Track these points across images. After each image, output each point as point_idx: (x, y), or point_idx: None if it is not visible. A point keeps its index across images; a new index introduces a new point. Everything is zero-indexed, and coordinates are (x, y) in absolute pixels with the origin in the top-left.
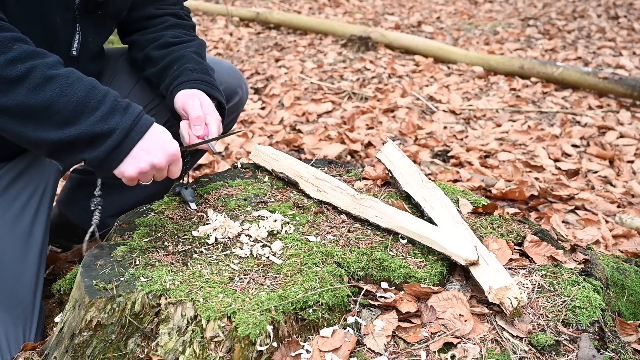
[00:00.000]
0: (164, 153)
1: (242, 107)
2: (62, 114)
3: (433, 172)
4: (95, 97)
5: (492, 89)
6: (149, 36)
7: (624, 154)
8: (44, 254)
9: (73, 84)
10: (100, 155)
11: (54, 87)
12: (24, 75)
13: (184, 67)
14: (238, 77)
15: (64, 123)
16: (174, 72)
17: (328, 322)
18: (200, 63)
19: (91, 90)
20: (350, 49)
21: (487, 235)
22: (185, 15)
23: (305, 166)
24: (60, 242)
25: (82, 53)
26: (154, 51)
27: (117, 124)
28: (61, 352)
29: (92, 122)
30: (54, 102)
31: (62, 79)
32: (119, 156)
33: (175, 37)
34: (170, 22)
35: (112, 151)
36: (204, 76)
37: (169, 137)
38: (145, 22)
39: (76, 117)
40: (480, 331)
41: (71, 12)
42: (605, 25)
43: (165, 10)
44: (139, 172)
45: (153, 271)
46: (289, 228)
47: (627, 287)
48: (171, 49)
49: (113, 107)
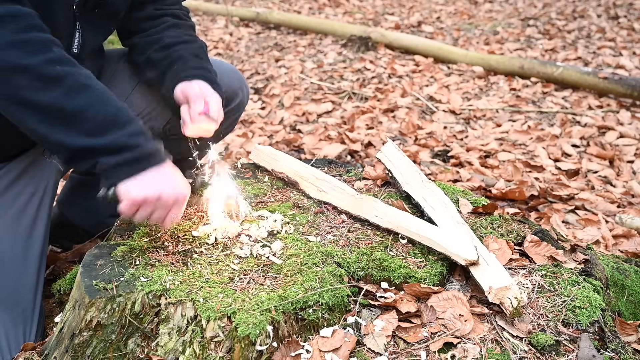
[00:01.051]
0: (175, 189)
1: (243, 109)
2: (91, 122)
3: (433, 172)
4: (125, 117)
5: (492, 89)
6: (149, 39)
7: (624, 154)
8: (44, 254)
9: (107, 100)
10: (119, 160)
11: (89, 96)
12: (62, 76)
13: (186, 64)
14: (239, 78)
15: (92, 132)
16: (174, 73)
17: (328, 322)
18: (200, 62)
19: (121, 110)
20: (350, 49)
21: (487, 235)
22: (184, 15)
23: (305, 166)
24: (61, 242)
25: (82, 52)
26: (154, 54)
27: (142, 144)
28: (61, 352)
29: (120, 136)
30: (87, 110)
31: (98, 91)
32: (134, 169)
33: (174, 38)
34: (169, 23)
35: (130, 162)
36: (204, 72)
37: (183, 180)
38: (145, 24)
39: (105, 129)
40: (480, 331)
41: (70, 9)
42: (605, 25)
43: (165, 11)
44: (144, 197)
45: (153, 271)
46: (289, 228)
47: (627, 287)
48: (171, 49)
49: (139, 130)
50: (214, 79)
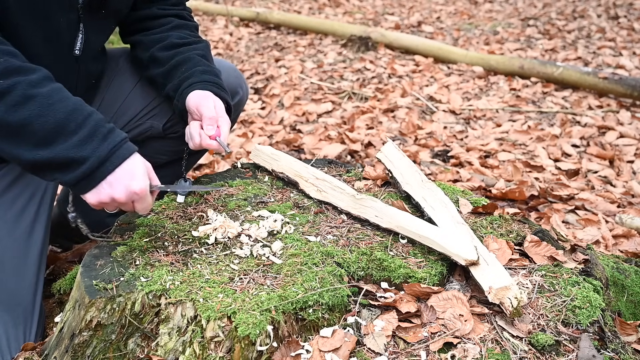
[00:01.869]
0: (126, 190)
1: (242, 107)
2: (38, 134)
3: (433, 172)
4: (76, 120)
5: (492, 89)
6: (154, 37)
7: (624, 154)
8: (44, 255)
9: (53, 105)
10: (71, 181)
11: (32, 107)
12: (5, 91)
13: (195, 69)
14: (238, 77)
15: (39, 144)
16: (182, 74)
17: (328, 322)
18: (209, 66)
19: (72, 113)
20: (350, 49)
21: (487, 235)
22: (188, 15)
23: (305, 166)
24: (61, 242)
25: (84, 53)
26: (160, 52)
27: (93, 152)
28: (61, 352)
29: (68, 147)
30: (31, 123)
31: (43, 98)
32: (89, 185)
33: (181, 39)
34: (174, 23)
35: (82, 179)
36: (214, 78)
37: (140, 174)
38: (149, 23)
39: (52, 140)
40: (480, 331)
41: (75, 11)
42: (605, 25)
43: (169, 11)
44: (99, 202)
45: (153, 271)
46: (289, 228)
47: (627, 287)
48: (178, 50)
49: (92, 133)
50: (223, 86)
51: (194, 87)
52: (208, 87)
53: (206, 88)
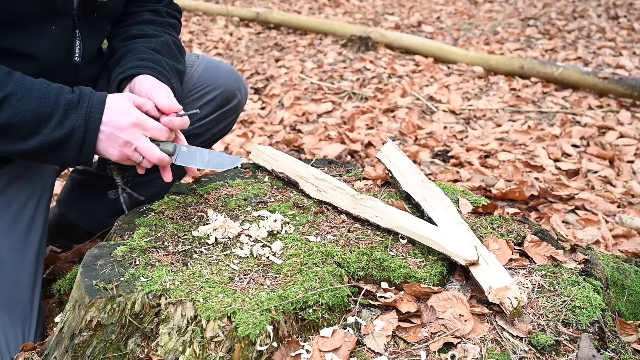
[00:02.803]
0: (124, 131)
1: (240, 110)
2: (23, 128)
3: (433, 172)
4: (48, 103)
5: (492, 89)
6: (120, 30)
7: (624, 154)
8: (42, 255)
9: (23, 99)
10: (73, 155)
11: (9, 107)
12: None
13: (133, 56)
14: (237, 79)
15: (27, 136)
16: (123, 64)
17: (328, 322)
18: (152, 54)
19: (42, 98)
20: (350, 49)
21: (487, 235)
22: (167, 12)
23: (305, 166)
24: (61, 241)
25: (83, 59)
26: (117, 43)
27: (74, 124)
28: (61, 352)
29: (51, 130)
30: (12, 121)
31: (13, 97)
32: (90, 149)
33: (140, 31)
34: (143, 18)
35: (80, 149)
36: (148, 63)
37: (123, 108)
38: (124, 17)
39: (37, 128)
40: (480, 331)
41: (70, 18)
42: (605, 25)
43: (144, 7)
44: (119, 156)
45: (153, 271)
46: (289, 228)
47: (627, 287)
48: (131, 41)
49: (66, 109)
50: (159, 69)
51: (122, 78)
52: (139, 70)
53: (136, 73)
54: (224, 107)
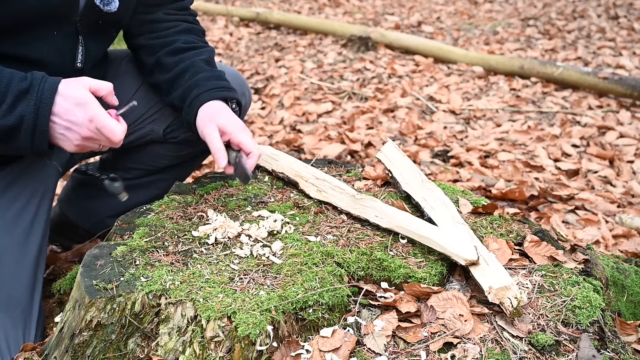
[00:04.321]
0: (85, 119)
1: (244, 115)
2: None
3: (433, 172)
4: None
5: (492, 89)
6: (161, 40)
7: (624, 154)
8: (43, 255)
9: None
10: (26, 145)
11: None
12: None
13: (198, 76)
14: (242, 83)
15: None
16: (187, 81)
17: (328, 322)
18: (212, 71)
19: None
20: (350, 49)
21: (487, 235)
22: (194, 20)
23: (305, 166)
24: (61, 241)
25: (86, 64)
26: (165, 57)
27: (24, 111)
28: (61, 352)
29: (0, 117)
30: None
31: None
32: (43, 138)
33: (187, 43)
34: (182, 27)
35: (32, 138)
36: (219, 83)
37: (81, 98)
38: (155, 25)
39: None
40: (480, 331)
41: (72, 24)
42: (605, 25)
43: (176, 16)
44: (75, 147)
45: (153, 271)
46: (289, 228)
47: (627, 287)
48: (183, 55)
49: (16, 95)
50: (228, 85)
51: (201, 98)
52: (213, 94)
53: (212, 97)
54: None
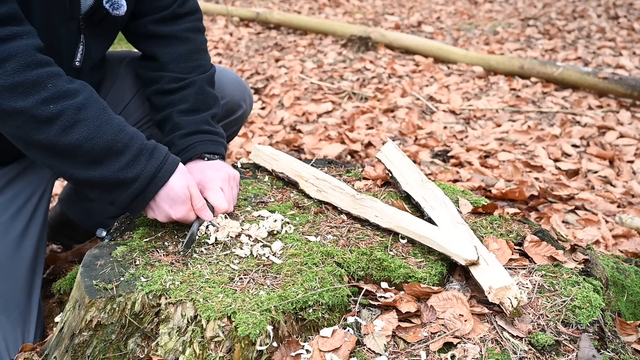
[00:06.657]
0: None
1: (245, 120)
2: (88, 155)
3: (433, 172)
4: (122, 140)
5: (492, 89)
6: (156, 74)
7: (624, 154)
8: (41, 256)
9: (101, 127)
10: (125, 200)
11: (82, 130)
12: (55, 116)
13: (173, 134)
14: (243, 89)
15: (90, 164)
16: (165, 136)
17: (328, 322)
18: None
19: (118, 133)
20: (350, 49)
21: (487, 235)
22: (193, 28)
23: (305, 166)
24: (61, 240)
25: (84, 64)
26: (153, 96)
27: (142, 171)
28: (61, 352)
29: (117, 169)
30: (82, 145)
31: (90, 121)
32: (143, 202)
33: (171, 83)
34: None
35: (135, 197)
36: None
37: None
38: (149, 40)
39: (102, 160)
40: (480, 331)
41: (75, 22)
42: (605, 25)
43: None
44: (167, 219)
45: (153, 271)
46: (289, 228)
47: (627, 287)
48: (167, 99)
49: (139, 152)
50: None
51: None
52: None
53: (188, 157)
54: (229, 117)
